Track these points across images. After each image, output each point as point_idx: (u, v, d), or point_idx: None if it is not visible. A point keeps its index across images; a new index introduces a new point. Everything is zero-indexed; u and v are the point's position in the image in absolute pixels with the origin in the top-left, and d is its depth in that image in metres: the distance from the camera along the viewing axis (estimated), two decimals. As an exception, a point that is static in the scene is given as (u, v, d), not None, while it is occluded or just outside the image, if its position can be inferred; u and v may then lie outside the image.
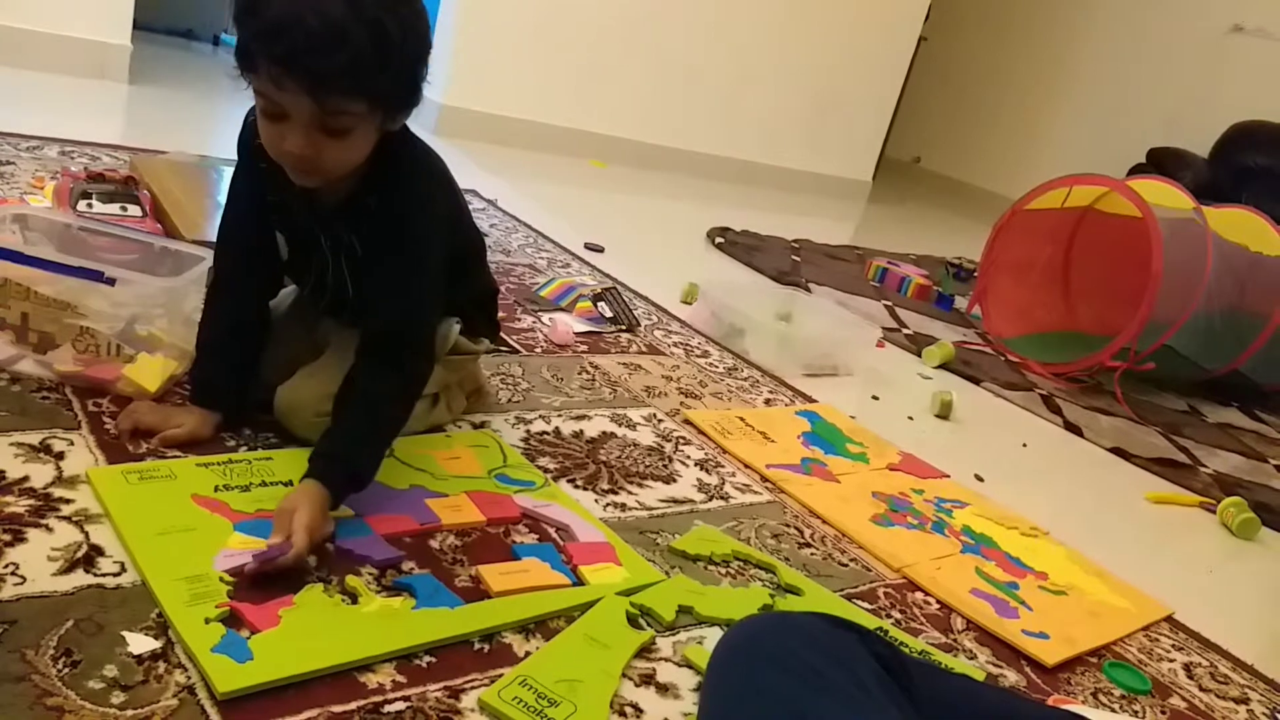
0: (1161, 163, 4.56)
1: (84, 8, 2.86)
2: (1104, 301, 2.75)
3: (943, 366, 2.41)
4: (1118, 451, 2.13)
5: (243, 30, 0.98)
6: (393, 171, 1.12)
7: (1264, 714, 1.22)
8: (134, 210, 1.68)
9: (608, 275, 2.33)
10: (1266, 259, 2.64)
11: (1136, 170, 4.56)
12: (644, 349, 1.93)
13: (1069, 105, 5.66)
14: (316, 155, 1.02)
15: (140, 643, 0.82)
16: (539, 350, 1.75)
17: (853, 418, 1.84)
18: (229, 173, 2.10)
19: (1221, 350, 2.57)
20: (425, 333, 1.20)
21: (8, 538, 0.91)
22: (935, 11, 4.92)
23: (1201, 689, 1.24)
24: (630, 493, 1.33)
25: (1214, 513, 1.89)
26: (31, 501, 0.97)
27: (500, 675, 0.90)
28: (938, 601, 1.27)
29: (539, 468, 1.31)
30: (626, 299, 2.10)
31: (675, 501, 1.34)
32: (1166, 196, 2.56)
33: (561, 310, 1.99)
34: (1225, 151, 4.59)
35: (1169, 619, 1.40)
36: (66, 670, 0.77)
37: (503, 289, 1.88)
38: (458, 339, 1.32)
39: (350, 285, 1.20)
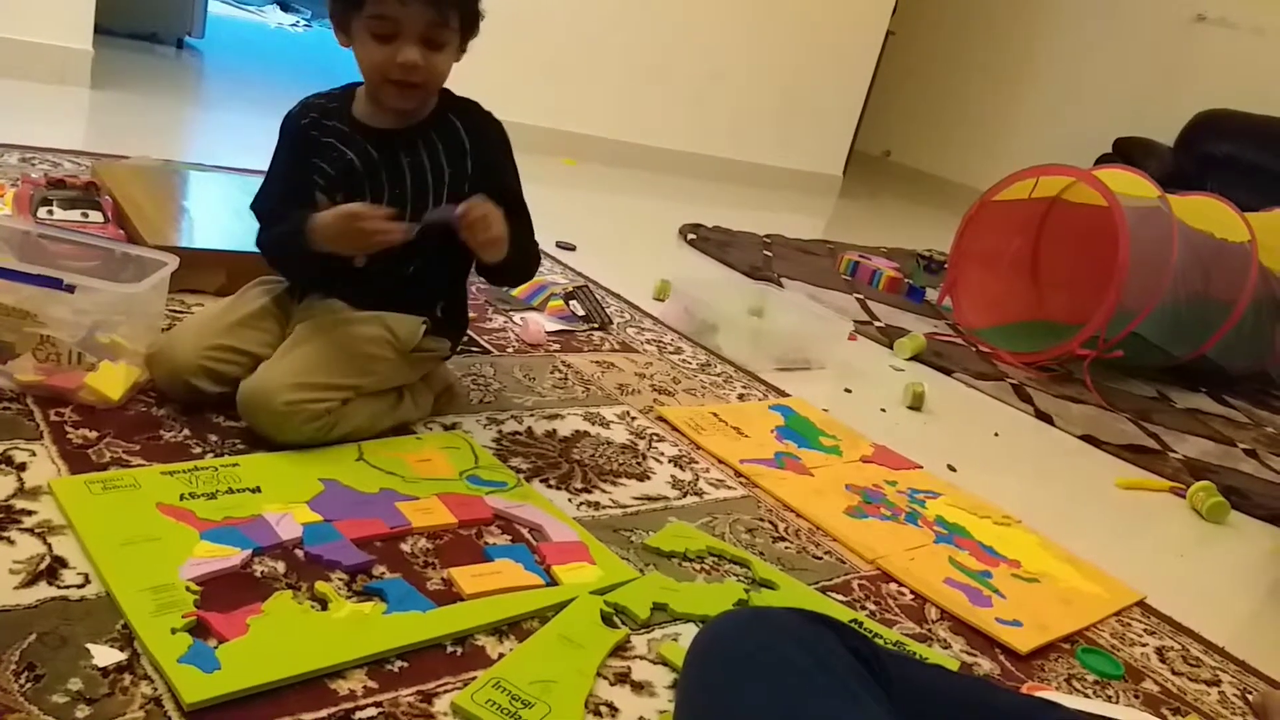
0: (1128, 152, 4.60)
1: (44, 12, 2.82)
2: (1073, 290, 2.77)
3: (914, 358, 2.42)
4: (1088, 439, 2.15)
5: None
6: (461, 103, 1.34)
7: (1235, 695, 1.23)
8: (95, 216, 1.66)
9: (579, 273, 2.32)
10: (1231, 245, 2.67)
11: (1103, 160, 4.60)
12: (616, 347, 1.92)
13: (1036, 97, 5.70)
14: (426, 65, 1.21)
15: (105, 655, 0.81)
16: (510, 350, 1.75)
17: (825, 411, 1.85)
18: (193, 177, 2.10)
19: (1189, 336, 2.60)
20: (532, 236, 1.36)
21: (-32, 552, 0.89)
22: (902, 6, 4.94)
23: (1174, 672, 1.25)
24: (604, 491, 1.33)
25: (1184, 497, 1.91)
26: (-8, 514, 0.95)
27: (473, 678, 0.89)
28: (912, 592, 1.27)
29: (511, 468, 1.31)
30: (598, 297, 2.09)
31: (649, 499, 1.34)
32: (1132, 186, 2.58)
33: (533, 309, 1.98)
34: (1190, 140, 4.64)
35: (1141, 604, 1.41)
36: (29, 685, 0.76)
37: (473, 289, 1.87)
38: (421, 339, 1.33)
39: (432, 196, 1.30)
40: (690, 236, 3.09)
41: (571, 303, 2.00)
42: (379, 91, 1.26)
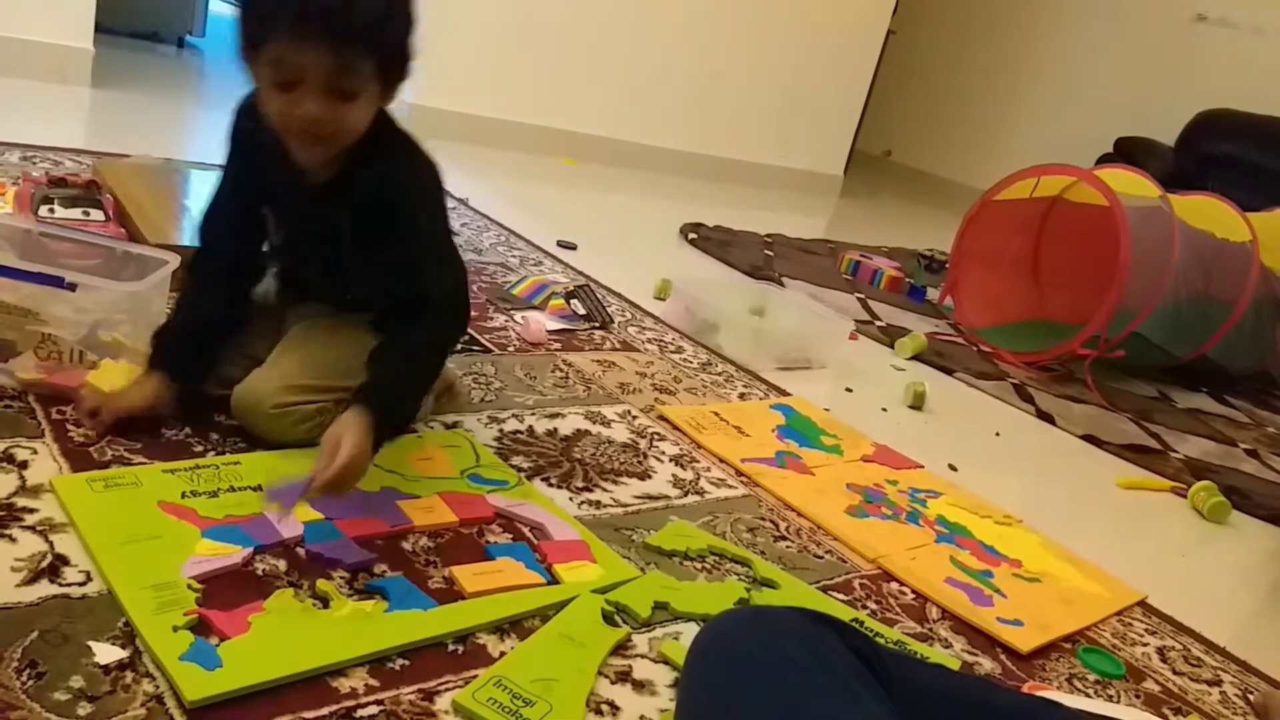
0: (1129, 152, 4.60)
1: (44, 11, 2.82)
2: (1074, 290, 2.77)
3: (915, 358, 2.42)
4: (1089, 438, 2.15)
5: (257, 3, 1.06)
6: (381, 149, 1.17)
7: (1236, 695, 1.23)
8: (96, 215, 1.66)
9: (580, 273, 2.32)
10: (1232, 245, 2.67)
11: (1104, 160, 4.59)
12: (617, 346, 1.92)
13: (1037, 96, 5.70)
14: (330, 118, 1.07)
15: (107, 652, 0.81)
16: (512, 349, 1.75)
17: (827, 410, 1.85)
18: (194, 176, 2.10)
19: (1190, 336, 2.60)
20: (444, 290, 1.24)
21: (-31, 549, 0.89)
22: (903, 6, 4.94)
23: (1175, 672, 1.25)
24: (605, 490, 1.33)
25: (1185, 497, 1.91)
26: (-6, 512, 0.95)
27: (475, 676, 0.89)
28: (913, 591, 1.27)
29: (513, 467, 1.31)
30: (599, 296, 2.09)
31: (650, 498, 1.34)
32: (1134, 185, 2.58)
33: (534, 308, 1.98)
34: (1191, 140, 4.63)
35: (1142, 603, 1.41)
36: (31, 682, 0.76)
37: (474, 288, 1.87)
38: None
39: (345, 259, 1.24)
40: (691, 236, 3.09)
41: (573, 302, 2.00)
42: (286, 142, 1.11)
